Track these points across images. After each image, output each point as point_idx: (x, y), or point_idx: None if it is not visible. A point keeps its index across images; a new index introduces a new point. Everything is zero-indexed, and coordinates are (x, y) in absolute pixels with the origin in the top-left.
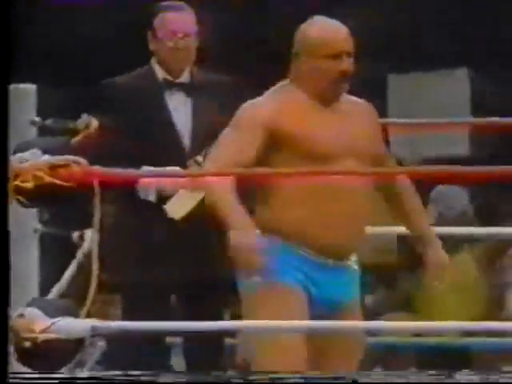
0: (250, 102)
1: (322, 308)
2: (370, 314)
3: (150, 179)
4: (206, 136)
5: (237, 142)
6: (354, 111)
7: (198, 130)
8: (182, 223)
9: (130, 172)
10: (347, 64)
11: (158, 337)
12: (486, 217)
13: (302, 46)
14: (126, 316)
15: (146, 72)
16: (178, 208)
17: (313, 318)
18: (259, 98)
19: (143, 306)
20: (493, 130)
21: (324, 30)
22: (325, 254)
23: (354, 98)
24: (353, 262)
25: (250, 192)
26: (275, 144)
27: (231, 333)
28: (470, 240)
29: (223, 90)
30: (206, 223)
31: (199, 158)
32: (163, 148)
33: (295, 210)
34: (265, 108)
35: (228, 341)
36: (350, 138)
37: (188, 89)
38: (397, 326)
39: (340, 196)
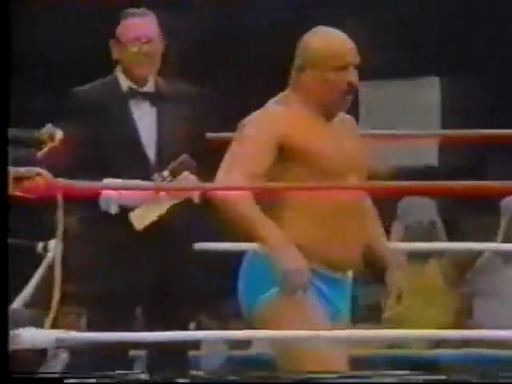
0: (258, 113)
1: (329, 321)
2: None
3: (111, 191)
4: (171, 146)
5: (251, 154)
6: (346, 126)
7: (163, 140)
8: (147, 234)
9: (94, 184)
10: (354, 75)
11: (121, 350)
12: (454, 228)
13: (308, 57)
14: (91, 328)
15: (110, 81)
16: (141, 218)
17: None
18: (267, 110)
19: (108, 318)
20: (462, 142)
21: (331, 42)
22: (334, 268)
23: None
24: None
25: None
26: (284, 158)
27: (195, 345)
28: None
29: (188, 99)
30: (170, 234)
31: (164, 173)
32: (128, 159)
33: (305, 225)
34: (276, 120)
35: (192, 353)
36: (351, 154)
37: (153, 98)
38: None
39: (346, 210)
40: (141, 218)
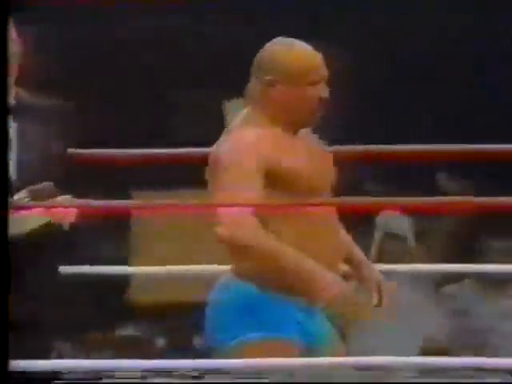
0: (234, 140)
1: (307, 354)
2: None
3: None
4: (31, 163)
5: (250, 191)
6: (307, 136)
7: (23, 157)
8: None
9: None
10: (326, 90)
11: None
12: None
13: (279, 72)
14: None
15: None
16: (15, 226)
17: None
18: (246, 135)
19: None
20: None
21: (304, 56)
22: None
23: None
24: None
25: None
26: (270, 184)
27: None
28: None
29: (51, 113)
30: (35, 257)
31: (22, 194)
32: None
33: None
34: (259, 146)
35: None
36: (322, 166)
37: (12, 111)
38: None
39: (327, 238)
40: (15, 226)
